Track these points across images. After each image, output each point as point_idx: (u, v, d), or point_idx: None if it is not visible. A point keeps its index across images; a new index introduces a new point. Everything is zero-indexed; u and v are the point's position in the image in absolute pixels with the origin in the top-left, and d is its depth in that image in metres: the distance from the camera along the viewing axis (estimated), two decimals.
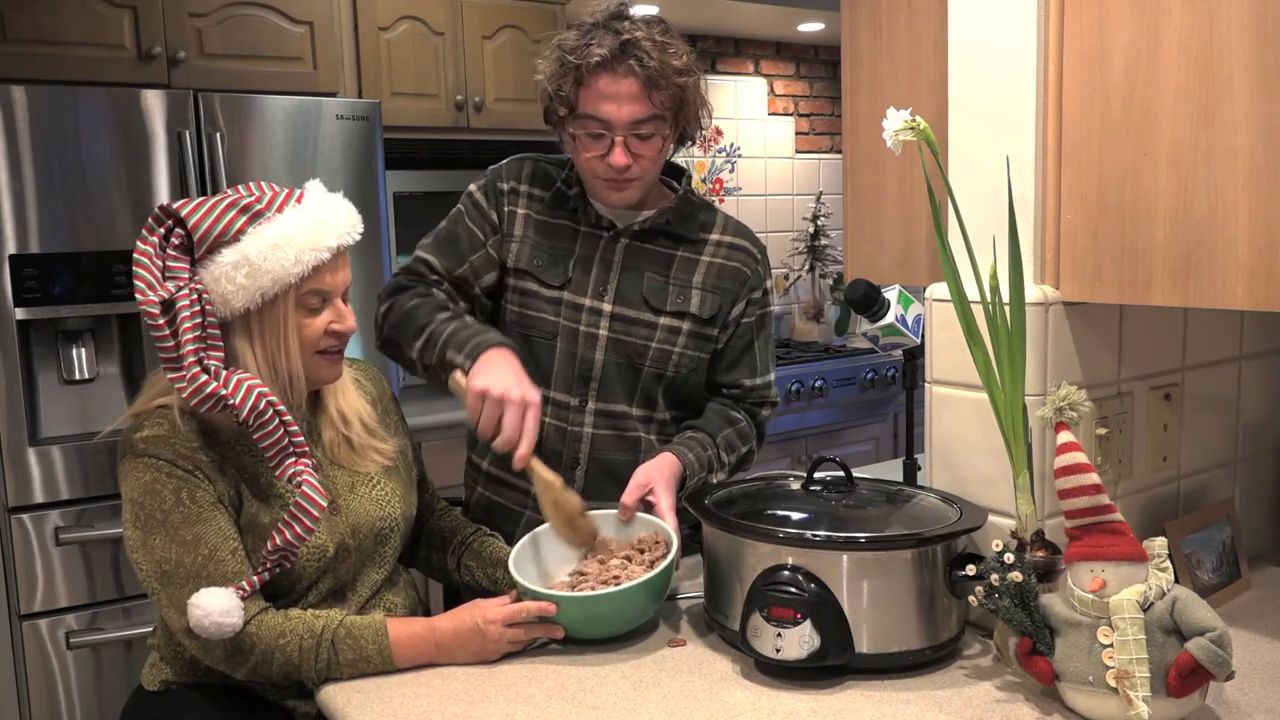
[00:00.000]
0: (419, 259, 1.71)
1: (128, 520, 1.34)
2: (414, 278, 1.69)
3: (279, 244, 1.32)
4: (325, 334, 1.40)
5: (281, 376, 1.38)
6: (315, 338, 1.39)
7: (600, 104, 1.56)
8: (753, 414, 1.78)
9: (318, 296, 1.38)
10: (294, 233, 1.33)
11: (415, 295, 1.65)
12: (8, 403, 2.41)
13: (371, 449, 1.50)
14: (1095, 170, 1.28)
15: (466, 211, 1.72)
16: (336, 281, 1.40)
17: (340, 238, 1.38)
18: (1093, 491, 1.16)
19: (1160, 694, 1.07)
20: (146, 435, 1.34)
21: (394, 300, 1.66)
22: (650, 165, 1.62)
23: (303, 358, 1.39)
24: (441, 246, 1.71)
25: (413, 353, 1.59)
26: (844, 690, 1.22)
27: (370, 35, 3.04)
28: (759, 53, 4.40)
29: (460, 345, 1.53)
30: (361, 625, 1.33)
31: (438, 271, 1.69)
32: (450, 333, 1.56)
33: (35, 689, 2.46)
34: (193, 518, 1.31)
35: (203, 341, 1.30)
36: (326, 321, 1.39)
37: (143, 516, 1.32)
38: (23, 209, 2.40)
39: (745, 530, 1.32)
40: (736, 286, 1.73)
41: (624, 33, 1.54)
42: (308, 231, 1.34)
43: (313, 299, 1.38)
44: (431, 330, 1.57)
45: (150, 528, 1.32)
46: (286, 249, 1.32)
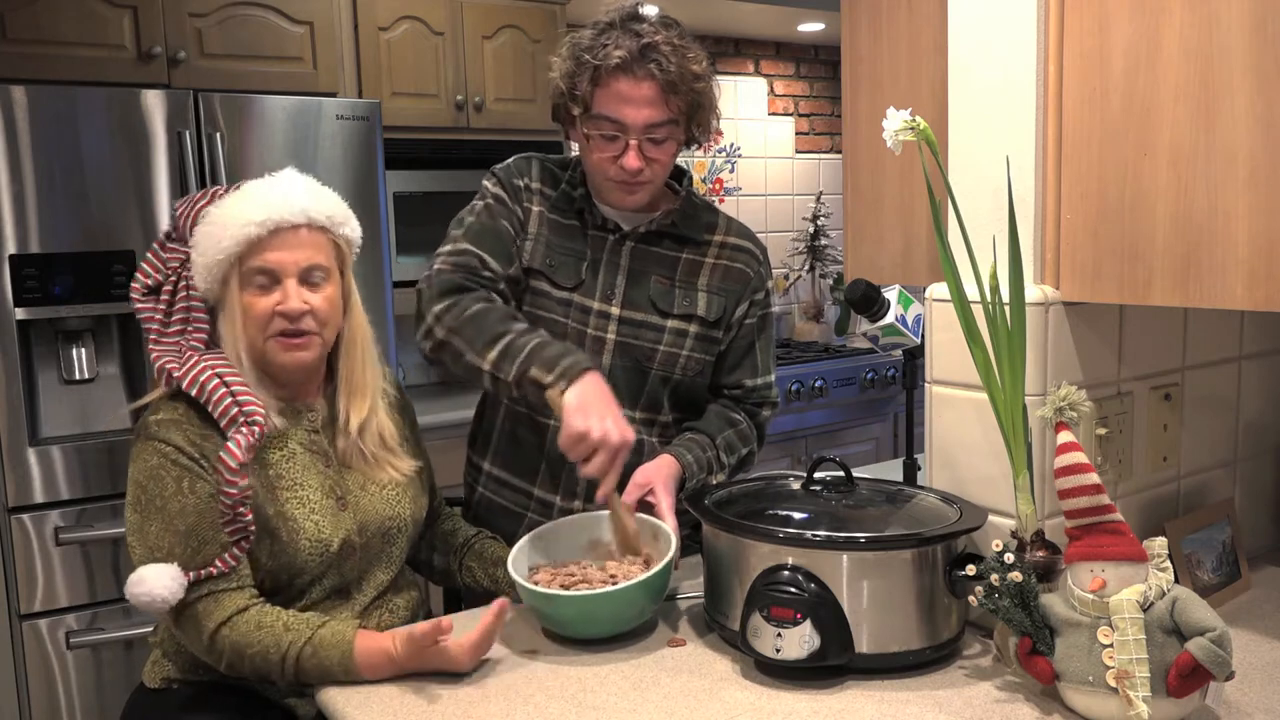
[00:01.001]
0: (470, 253, 1.60)
1: (129, 502, 1.37)
2: (470, 275, 1.59)
3: (216, 222, 1.40)
4: (274, 315, 1.40)
5: (246, 358, 1.41)
6: (262, 318, 1.40)
7: (617, 106, 1.55)
8: (753, 415, 1.78)
9: (264, 275, 1.40)
10: (229, 211, 1.41)
11: (479, 299, 1.56)
12: (8, 403, 2.41)
13: (387, 464, 1.50)
14: (1095, 170, 1.28)
15: (495, 207, 1.66)
16: (283, 260, 1.40)
17: (272, 213, 1.39)
18: (1093, 491, 1.16)
19: (1160, 694, 1.07)
20: (160, 419, 1.37)
21: (455, 300, 1.55)
22: (661, 170, 1.62)
23: (254, 339, 1.41)
24: (486, 241, 1.62)
25: (483, 362, 1.50)
26: (844, 690, 1.22)
27: (370, 35, 3.04)
28: (759, 53, 4.40)
29: (549, 364, 1.45)
30: (328, 644, 1.29)
31: (491, 270, 1.60)
32: (534, 347, 1.48)
33: (35, 689, 2.46)
34: (189, 509, 1.33)
35: (185, 323, 1.42)
36: (274, 302, 1.40)
37: (143, 500, 1.35)
38: (23, 209, 2.40)
39: (745, 530, 1.32)
40: (740, 288, 1.73)
41: (644, 35, 1.53)
42: (239, 209, 1.40)
43: (260, 278, 1.40)
44: (510, 341, 1.49)
45: (149, 513, 1.34)
46: (224, 227, 1.39)
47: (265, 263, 1.39)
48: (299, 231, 1.41)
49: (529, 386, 1.47)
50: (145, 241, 2.52)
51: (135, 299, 1.45)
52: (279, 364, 1.42)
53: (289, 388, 1.46)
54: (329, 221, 1.44)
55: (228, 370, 1.38)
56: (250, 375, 1.40)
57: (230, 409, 1.35)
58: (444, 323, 1.55)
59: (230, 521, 1.32)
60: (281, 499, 1.39)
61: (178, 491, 1.33)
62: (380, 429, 1.50)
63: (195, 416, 1.37)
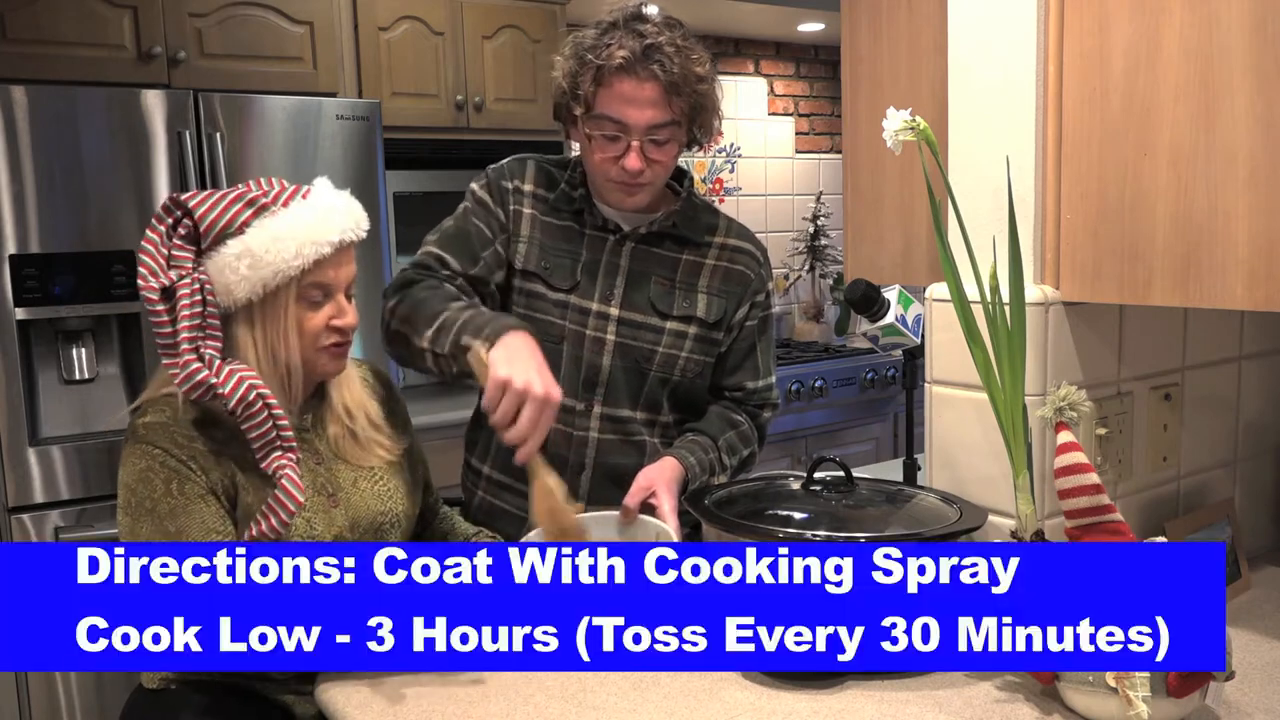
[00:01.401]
0: (430, 254, 1.64)
1: (120, 505, 1.36)
2: (424, 272, 1.63)
3: (281, 236, 1.34)
4: (326, 329, 1.40)
5: (280, 368, 1.39)
6: (316, 332, 1.40)
7: (620, 106, 1.54)
8: (754, 416, 1.78)
9: (319, 290, 1.39)
10: (296, 226, 1.35)
11: (426, 288, 1.58)
12: (8, 403, 2.41)
13: (376, 443, 1.50)
14: (1095, 170, 1.28)
15: (472, 209, 1.68)
16: (339, 277, 1.40)
17: (343, 233, 1.39)
18: (1093, 491, 1.16)
19: (1160, 694, 1.07)
20: (148, 422, 1.37)
21: (403, 294, 1.58)
22: (663, 171, 1.61)
23: (303, 351, 1.40)
24: (452, 243, 1.65)
25: (423, 341, 1.50)
26: (844, 690, 1.22)
27: (370, 35, 3.04)
28: (759, 53, 4.40)
29: (477, 329, 1.44)
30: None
31: (450, 268, 1.63)
32: (466, 319, 1.48)
33: (35, 688, 2.46)
34: (179, 510, 1.33)
35: (201, 330, 1.33)
36: (328, 316, 1.40)
37: (133, 503, 1.34)
38: (23, 209, 2.40)
39: (745, 530, 1.32)
40: (740, 290, 1.73)
41: (647, 35, 1.53)
42: (310, 225, 1.36)
43: (314, 292, 1.39)
44: (445, 317, 1.49)
45: (139, 515, 1.34)
46: (288, 241, 1.34)
47: (325, 279, 1.39)
48: (352, 248, 1.42)
49: (461, 356, 1.45)
50: None
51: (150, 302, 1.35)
52: (319, 373, 1.43)
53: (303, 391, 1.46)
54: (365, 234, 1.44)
55: (260, 383, 1.34)
56: (275, 384, 1.39)
57: (269, 434, 1.33)
58: (397, 314, 1.57)
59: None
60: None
61: (166, 493, 1.33)
62: (367, 411, 1.51)
63: (183, 419, 1.36)
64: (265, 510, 1.32)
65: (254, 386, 1.32)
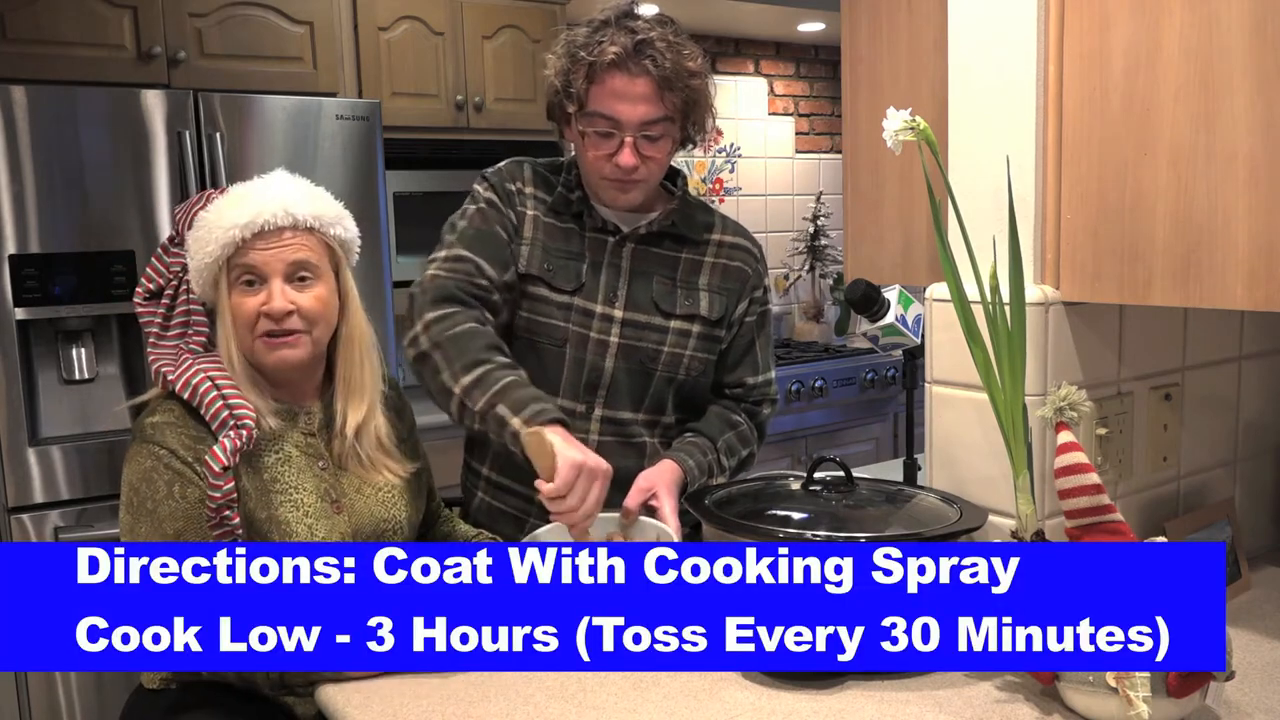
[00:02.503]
0: (466, 259, 1.58)
1: (123, 503, 1.37)
2: (465, 283, 1.57)
3: (205, 225, 1.42)
4: (259, 316, 1.40)
5: (238, 360, 1.42)
6: (248, 318, 1.41)
7: (612, 103, 1.54)
8: (753, 414, 1.78)
9: (250, 274, 1.41)
10: (217, 214, 1.42)
11: (471, 318, 1.54)
12: (8, 403, 2.41)
13: (384, 466, 1.50)
14: (1095, 170, 1.28)
15: (488, 212, 1.64)
16: (270, 260, 1.40)
17: (258, 214, 1.40)
18: (1093, 491, 1.16)
19: (1160, 694, 1.07)
20: (155, 421, 1.38)
21: (448, 313, 1.53)
22: (657, 168, 1.61)
23: (241, 341, 1.42)
24: (481, 246, 1.60)
25: (456, 385, 1.48)
26: (844, 690, 1.22)
27: (370, 35, 3.04)
28: (759, 53, 4.40)
29: (518, 405, 1.43)
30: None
31: (487, 276, 1.58)
32: (508, 384, 1.46)
33: (35, 687, 2.46)
34: (178, 513, 1.33)
35: (185, 326, 1.46)
36: (260, 301, 1.40)
37: (135, 502, 1.35)
38: (23, 209, 2.39)
39: (745, 530, 1.32)
40: (740, 286, 1.73)
41: (638, 32, 1.53)
42: (225, 211, 1.41)
43: (245, 276, 1.41)
44: (486, 371, 1.48)
45: (139, 515, 1.34)
46: (211, 230, 1.41)
47: (249, 262, 1.40)
48: (283, 232, 1.41)
49: (492, 421, 1.45)
50: (145, 242, 2.52)
51: (137, 303, 1.48)
52: (267, 364, 1.43)
53: (285, 388, 1.46)
54: (316, 221, 1.44)
55: (220, 373, 1.39)
56: (243, 377, 1.41)
57: (220, 412, 1.35)
58: (431, 334, 1.53)
59: (217, 525, 1.32)
60: (275, 503, 1.39)
61: (168, 495, 1.33)
62: (378, 432, 1.50)
63: (190, 419, 1.37)
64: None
65: (211, 376, 1.38)
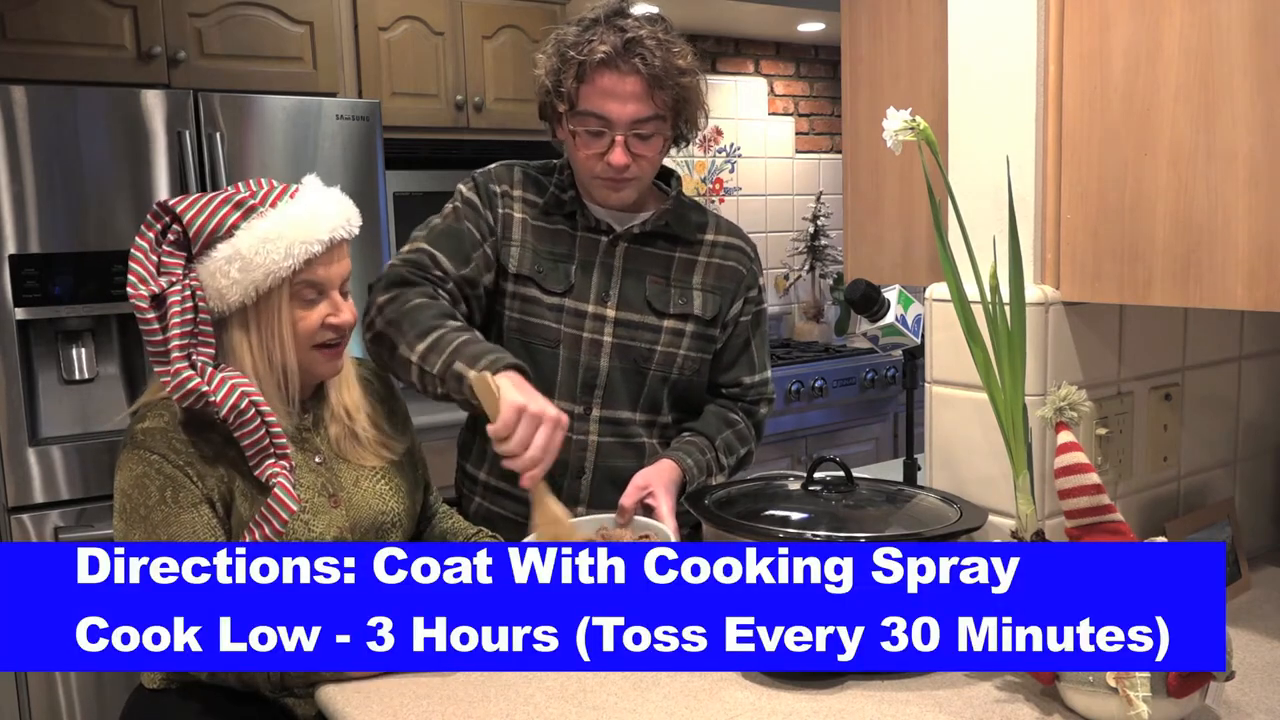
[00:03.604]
0: (424, 251, 1.61)
1: (116, 510, 1.36)
2: (418, 271, 1.59)
3: (270, 237, 1.33)
4: (321, 327, 1.40)
5: (276, 371, 1.38)
6: (311, 331, 1.39)
7: (602, 101, 1.54)
8: (750, 413, 1.78)
9: (312, 289, 1.39)
10: (285, 226, 1.35)
11: (421, 294, 1.56)
12: (8, 403, 2.41)
13: (378, 443, 1.50)
14: (1095, 170, 1.28)
15: (462, 210, 1.66)
16: (331, 274, 1.40)
17: (333, 230, 1.38)
18: (1093, 491, 1.16)
19: (1160, 694, 1.07)
20: (146, 427, 1.36)
21: (397, 293, 1.56)
22: (648, 166, 1.61)
23: (299, 352, 1.39)
24: (444, 241, 1.63)
25: (412, 354, 1.49)
26: (844, 690, 1.22)
27: (370, 35, 3.04)
28: (759, 53, 4.40)
29: (473, 357, 1.44)
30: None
31: (443, 268, 1.60)
32: (461, 342, 1.47)
33: (35, 687, 2.46)
34: (171, 518, 1.32)
35: (192, 337, 1.33)
36: (322, 315, 1.39)
37: (128, 509, 1.34)
38: (23, 209, 2.40)
39: (745, 530, 1.32)
40: (734, 286, 1.73)
41: (628, 30, 1.53)
42: (299, 224, 1.35)
43: (308, 291, 1.38)
44: (440, 335, 1.49)
45: (132, 522, 1.34)
46: (278, 242, 1.33)
47: (317, 277, 1.38)
48: (343, 245, 1.41)
49: (452, 381, 1.46)
50: None
51: (139, 310, 1.34)
52: (316, 373, 1.43)
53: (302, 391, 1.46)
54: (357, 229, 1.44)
55: (253, 390, 1.34)
56: (272, 387, 1.38)
57: (261, 439, 1.33)
58: (384, 314, 1.55)
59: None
60: None
61: (161, 501, 1.32)
62: (367, 411, 1.50)
63: (182, 424, 1.36)
64: (259, 519, 1.32)
65: (246, 393, 1.32)
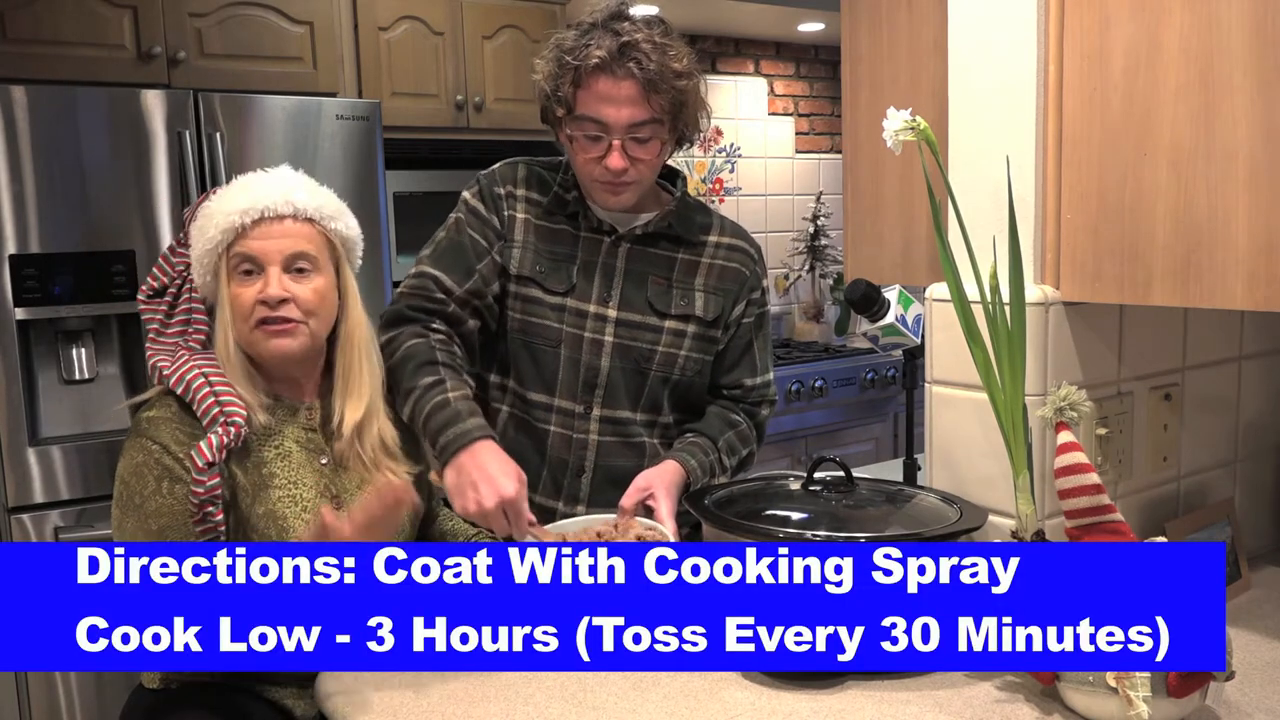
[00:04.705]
0: (426, 275, 1.63)
1: (114, 497, 1.38)
2: (417, 303, 1.62)
3: (207, 216, 1.43)
4: (257, 303, 1.40)
5: (235, 353, 1.42)
6: (247, 307, 1.41)
7: (598, 106, 1.54)
8: (752, 414, 1.78)
9: (247, 262, 1.41)
10: (219, 204, 1.43)
11: (414, 335, 1.59)
12: (8, 403, 2.41)
13: (386, 468, 1.50)
14: (1095, 170, 1.28)
15: (466, 220, 1.67)
16: (265, 248, 1.41)
17: (255, 201, 1.41)
18: (1093, 491, 1.16)
19: (1160, 694, 1.07)
20: (151, 416, 1.39)
21: (393, 335, 1.61)
22: (647, 170, 1.61)
23: (239, 331, 1.41)
24: (446, 258, 1.64)
25: (400, 409, 1.56)
26: (844, 690, 1.22)
27: (370, 35, 3.04)
28: (759, 53, 4.40)
29: (434, 437, 1.50)
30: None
31: (445, 288, 1.62)
32: (428, 412, 1.52)
33: (35, 687, 2.46)
34: (164, 510, 1.33)
35: (186, 324, 1.47)
36: (258, 290, 1.40)
37: (125, 496, 1.36)
38: (23, 209, 2.40)
39: (745, 530, 1.32)
40: (737, 287, 1.73)
41: (623, 34, 1.53)
42: (229, 199, 1.43)
43: (243, 265, 1.41)
44: (416, 400, 1.53)
45: (128, 510, 1.35)
46: (211, 219, 1.42)
47: (248, 250, 1.40)
48: (284, 221, 1.42)
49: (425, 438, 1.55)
50: (146, 242, 2.52)
51: (140, 300, 1.49)
52: (265, 353, 1.42)
53: (284, 383, 1.46)
54: (317, 213, 1.44)
55: (214, 370, 1.39)
56: (239, 371, 1.41)
57: (211, 408, 1.36)
58: (384, 356, 1.59)
59: (200, 521, 1.32)
60: (273, 498, 1.39)
61: (156, 491, 1.33)
62: (381, 432, 1.49)
63: (185, 416, 1.37)
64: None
65: (202, 371, 1.38)
